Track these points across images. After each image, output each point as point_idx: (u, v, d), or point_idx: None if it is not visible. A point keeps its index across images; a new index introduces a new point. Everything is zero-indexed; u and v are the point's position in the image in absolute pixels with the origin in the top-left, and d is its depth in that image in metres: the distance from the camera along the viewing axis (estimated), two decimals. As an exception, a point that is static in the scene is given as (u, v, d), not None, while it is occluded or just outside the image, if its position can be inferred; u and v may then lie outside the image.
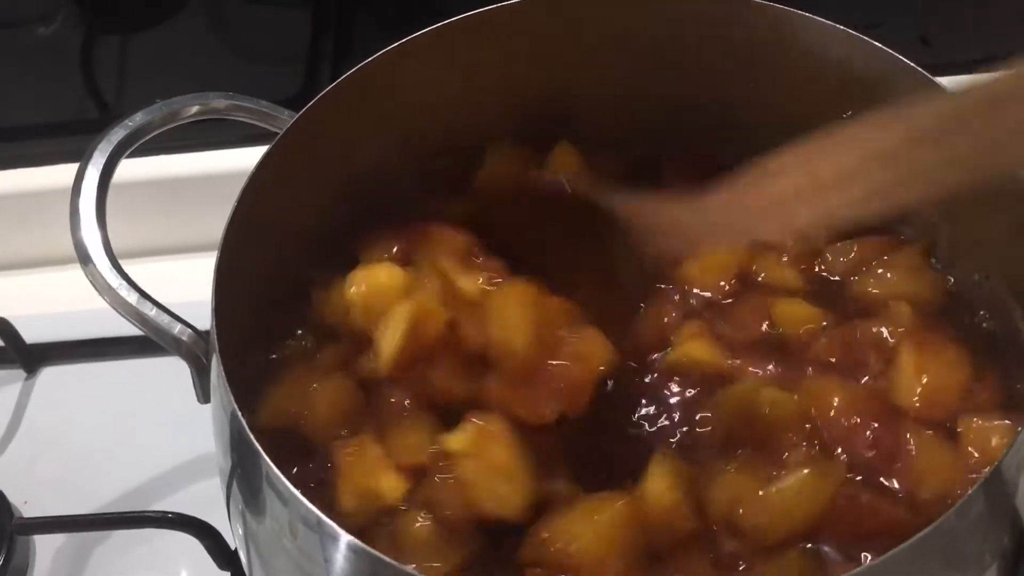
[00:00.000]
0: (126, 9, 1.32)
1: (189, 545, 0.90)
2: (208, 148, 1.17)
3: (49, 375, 1.11)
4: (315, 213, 0.90)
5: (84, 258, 0.78)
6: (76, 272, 0.79)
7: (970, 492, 0.63)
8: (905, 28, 1.18)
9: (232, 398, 0.71)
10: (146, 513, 0.93)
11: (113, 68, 1.29)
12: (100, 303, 0.79)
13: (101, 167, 0.81)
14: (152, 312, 0.78)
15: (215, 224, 0.78)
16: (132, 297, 0.78)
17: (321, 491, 0.78)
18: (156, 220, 1.17)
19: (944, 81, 1.09)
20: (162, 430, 1.02)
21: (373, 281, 0.84)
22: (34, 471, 1.03)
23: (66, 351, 1.11)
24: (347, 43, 1.27)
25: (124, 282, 0.78)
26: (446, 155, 0.96)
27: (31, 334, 1.10)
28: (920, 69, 0.80)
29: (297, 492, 0.66)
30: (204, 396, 0.80)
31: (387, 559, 0.63)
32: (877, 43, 0.82)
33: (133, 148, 0.83)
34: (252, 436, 0.69)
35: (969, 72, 1.10)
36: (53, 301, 1.15)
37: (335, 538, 0.65)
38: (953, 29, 1.17)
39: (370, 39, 0.88)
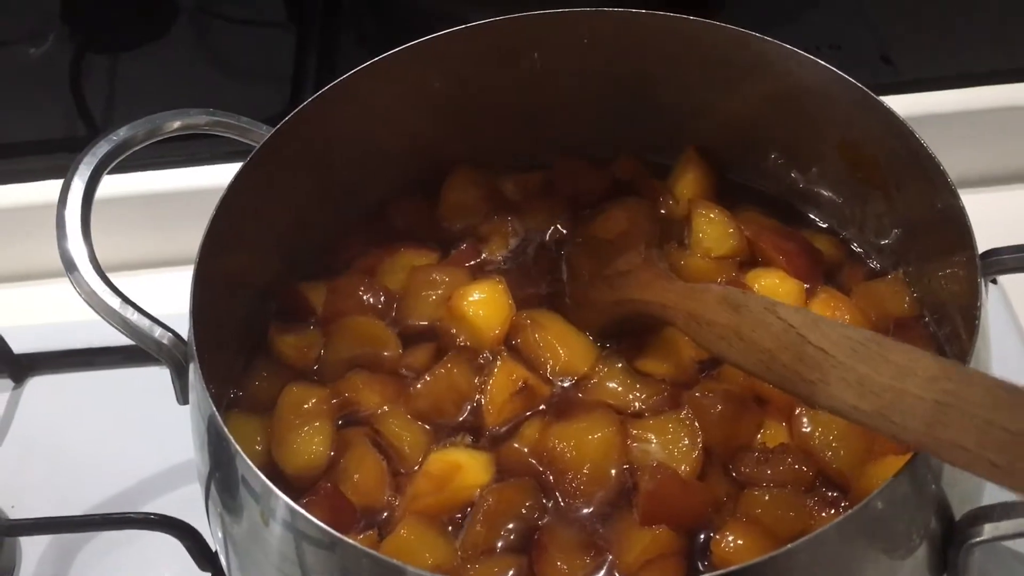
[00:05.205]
0: (115, 29, 1.35)
1: (171, 547, 0.91)
2: (194, 164, 1.19)
3: (37, 384, 1.12)
4: (290, 222, 0.92)
5: (69, 266, 0.80)
6: (63, 284, 0.81)
7: (896, 475, 0.64)
8: (867, 47, 1.21)
9: (210, 400, 0.73)
10: (129, 515, 0.94)
11: (102, 87, 1.31)
12: (86, 314, 0.81)
13: (86, 179, 0.83)
14: (134, 316, 0.80)
15: (199, 237, 0.81)
16: (115, 302, 0.80)
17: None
18: (142, 234, 1.20)
19: (902, 98, 1.13)
20: (146, 437, 1.04)
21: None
22: (22, 476, 1.04)
23: (53, 361, 1.13)
24: (331, 62, 1.29)
25: (107, 288, 0.80)
26: (417, 169, 0.99)
27: (19, 344, 1.12)
28: (862, 87, 0.83)
29: (273, 487, 0.68)
30: (183, 397, 0.82)
31: (364, 548, 0.64)
32: (822, 62, 0.85)
33: (117, 161, 0.85)
34: (230, 435, 0.70)
35: (928, 90, 1.15)
36: (41, 312, 1.17)
37: (309, 534, 0.67)
38: (913, 48, 1.20)
39: (352, 58, 0.91)
